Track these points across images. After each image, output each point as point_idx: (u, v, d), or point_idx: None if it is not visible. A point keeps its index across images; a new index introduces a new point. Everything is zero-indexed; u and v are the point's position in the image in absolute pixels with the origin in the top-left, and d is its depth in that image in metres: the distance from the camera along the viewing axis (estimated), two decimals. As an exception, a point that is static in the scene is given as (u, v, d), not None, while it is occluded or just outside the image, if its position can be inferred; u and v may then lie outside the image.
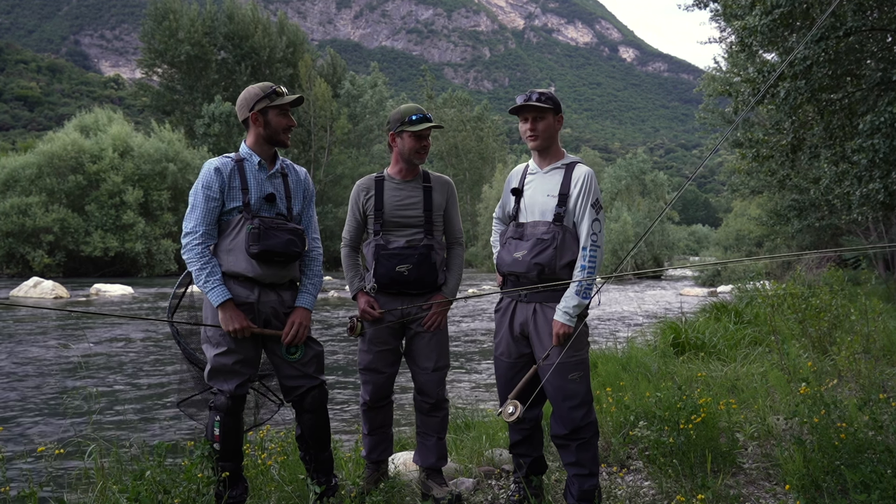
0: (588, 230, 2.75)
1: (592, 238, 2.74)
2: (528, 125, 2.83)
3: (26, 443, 5.18)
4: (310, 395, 2.85)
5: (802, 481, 2.88)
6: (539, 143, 2.86)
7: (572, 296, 2.70)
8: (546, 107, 2.79)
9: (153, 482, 2.41)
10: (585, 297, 2.70)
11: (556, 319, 2.71)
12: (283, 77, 48.58)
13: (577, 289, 2.70)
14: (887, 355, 5.56)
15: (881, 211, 10.25)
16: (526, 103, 2.80)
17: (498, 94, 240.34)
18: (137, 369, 8.49)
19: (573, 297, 2.70)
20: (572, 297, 2.70)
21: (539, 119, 2.82)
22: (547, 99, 2.81)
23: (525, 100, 2.82)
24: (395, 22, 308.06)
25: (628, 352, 6.54)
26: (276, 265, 2.79)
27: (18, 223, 29.39)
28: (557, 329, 2.70)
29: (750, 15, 9.18)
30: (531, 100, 2.80)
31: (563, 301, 2.72)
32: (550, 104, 2.80)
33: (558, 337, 2.70)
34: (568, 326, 2.69)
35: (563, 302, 2.71)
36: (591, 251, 2.72)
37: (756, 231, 26.83)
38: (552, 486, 3.27)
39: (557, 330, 2.70)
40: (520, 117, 2.88)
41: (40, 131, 62.16)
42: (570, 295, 2.71)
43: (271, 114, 2.81)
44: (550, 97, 2.83)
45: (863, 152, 8.40)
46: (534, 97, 2.81)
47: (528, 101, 2.80)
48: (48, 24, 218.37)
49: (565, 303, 2.71)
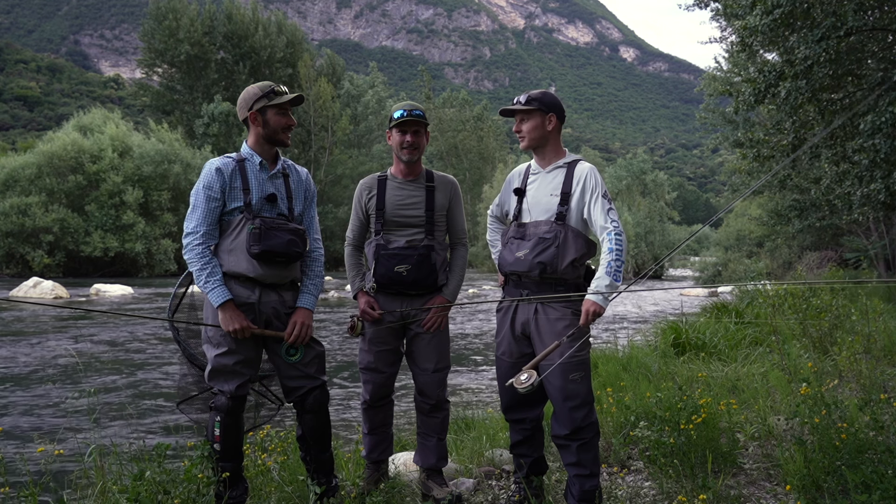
0: (606, 217, 2.73)
1: (614, 223, 2.71)
2: (515, 127, 2.90)
3: (26, 443, 5.18)
4: (311, 396, 2.84)
5: (803, 482, 2.87)
6: (526, 143, 2.90)
7: (603, 276, 2.66)
8: (528, 108, 2.82)
9: (153, 482, 2.40)
10: (617, 278, 2.66)
11: (588, 297, 2.67)
12: (282, 77, 48.56)
13: (607, 269, 2.66)
14: (888, 355, 5.55)
15: (882, 211, 10.25)
16: (506, 107, 2.86)
17: (498, 94, 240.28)
18: (137, 369, 8.48)
19: (604, 278, 2.65)
20: (604, 278, 2.66)
21: (525, 120, 2.86)
22: (532, 100, 2.84)
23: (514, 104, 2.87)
24: (395, 22, 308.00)
25: (629, 352, 6.54)
26: (278, 265, 2.78)
27: (18, 223, 29.35)
28: (588, 306, 2.66)
29: (750, 15, 9.17)
30: (516, 103, 2.86)
31: (595, 281, 2.68)
32: (535, 105, 2.83)
33: (587, 315, 2.66)
34: (599, 306, 2.65)
35: (595, 282, 2.68)
36: (615, 234, 2.69)
37: (757, 231, 26.84)
38: (553, 487, 3.27)
39: (588, 307, 2.66)
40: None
41: (40, 131, 62.15)
42: (601, 276, 2.67)
43: (270, 113, 2.81)
44: (537, 97, 2.85)
45: (864, 152, 8.40)
46: (522, 99, 2.85)
47: (511, 105, 2.86)
48: (48, 24, 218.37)
49: (597, 283, 2.67)
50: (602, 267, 2.68)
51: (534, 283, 2.83)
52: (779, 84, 9.22)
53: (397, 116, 3.04)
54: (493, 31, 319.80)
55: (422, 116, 3.06)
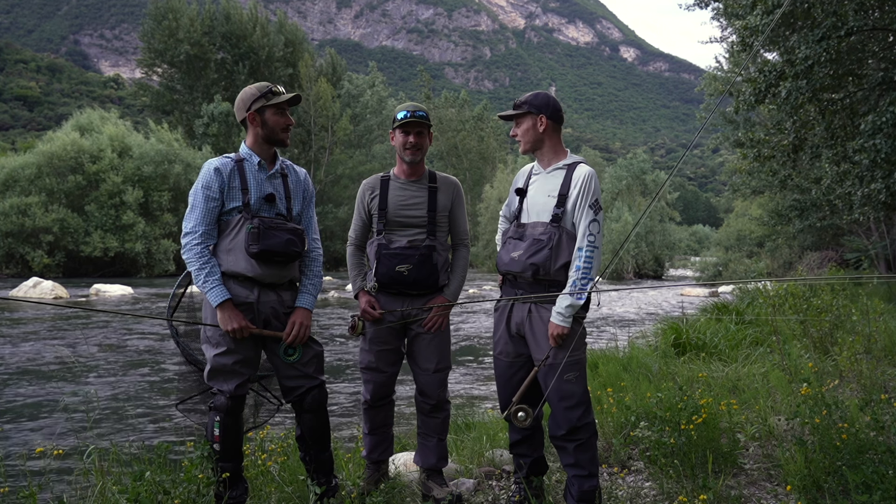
0: (585, 230, 2.72)
1: (589, 238, 2.71)
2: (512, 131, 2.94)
3: (26, 443, 5.18)
4: (310, 396, 2.84)
5: (804, 482, 2.87)
6: (522, 147, 2.93)
7: (565, 297, 2.69)
8: (518, 112, 2.85)
9: (153, 483, 2.40)
10: (579, 297, 2.67)
11: (552, 321, 2.71)
12: (282, 77, 48.58)
13: (570, 290, 2.68)
14: (889, 356, 5.54)
15: (883, 211, 10.24)
16: (501, 113, 2.90)
17: (499, 94, 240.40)
18: (137, 369, 8.48)
19: (565, 298, 2.68)
20: (565, 298, 2.69)
21: (519, 124, 2.89)
22: (521, 103, 2.87)
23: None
24: (395, 21, 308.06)
25: (629, 352, 6.53)
26: (276, 265, 2.78)
27: (18, 223, 29.34)
28: (552, 330, 2.70)
29: (751, 14, 9.16)
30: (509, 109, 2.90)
31: (558, 302, 2.71)
32: (525, 108, 2.85)
33: (554, 338, 2.70)
34: (562, 327, 2.68)
35: (558, 303, 2.71)
36: (587, 251, 2.69)
37: (757, 231, 26.85)
38: (553, 487, 3.26)
39: (552, 331, 2.70)
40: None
41: (40, 131, 62.18)
42: (563, 295, 2.70)
43: (268, 113, 2.80)
44: (526, 100, 2.87)
45: (864, 152, 8.39)
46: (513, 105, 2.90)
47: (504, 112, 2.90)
48: (48, 24, 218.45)
49: (559, 303, 2.70)
50: (568, 285, 2.69)
51: (527, 284, 2.83)
52: (779, 84, 9.22)
53: (400, 117, 3.04)
54: (493, 31, 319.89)
55: (425, 117, 3.07)
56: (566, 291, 2.69)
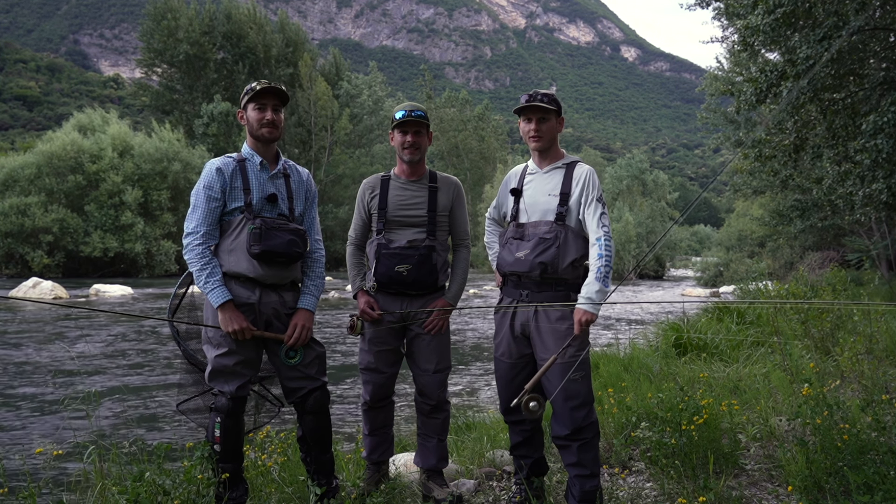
0: (598, 223, 2.74)
1: (604, 230, 2.73)
2: (531, 126, 2.85)
3: (25, 443, 5.17)
4: (311, 397, 2.83)
5: (805, 482, 2.86)
6: (542, 144, 2.88)
7: (593, 282, 2.67)
8: (550, 108, 2.82)
9: (153, 483, 2.39)
10: (606, 284, 2.67)
11: (579, 307, 2.68)
12: (282, 76, 48.56)
13: (597, 275, 2.66)
14: (890, 356, 5.53)
15: (884, 211, 10.22)
16: (530, 103, 2.81)
17: (499, 94, 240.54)
18: (137, 370, 8.48)
19: (594, 283, 2.66)
20: (593, 284, 2.66)
21: (543, 120, 2.85)
22: (551, 101, 2.84)
23: (528, 100, 2.82)
24: (395, 21, 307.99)
25: (630, 352, 6.53)
26: (278, 266, 2.77)
27: (17, 223, 29.33)
28: (580, 317, 2.67)
29: (752, 14, 9.14)
30: (536, 99, 2.81)
31: (585, 288, 2.69)
32: (554, 105, 2.84)
33: (580, 324, 2.67)
34: (591, 314, 2.66)
35: (585, 289, 2.68)
36: (605, 240, 2.71)
37: (758, 231, 26.80)
38: (553, 488, 3.26)
39: (580, 317, 2.67)
40: (522, 117, 2.88)
41: (39, 131, 62.12)
42: (590, 282, 2.68)
43: (249, 109, 2.81)
44: (554, 99, 2.86)
45: (866, 152, 8.37)
46: (539, 97, 2.81)
47: (532, 101, 2.81)
48: (47, 24, 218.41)
49: (587, 289, 2.67)
50: (592, 273, 2.69)
51: (534, 284, 2.82)
52: (780, 84, 9.20)
53: (398, 117, 3.04)
54: (493, 31, 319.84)
55: (423, 117, 3.06)
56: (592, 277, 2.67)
